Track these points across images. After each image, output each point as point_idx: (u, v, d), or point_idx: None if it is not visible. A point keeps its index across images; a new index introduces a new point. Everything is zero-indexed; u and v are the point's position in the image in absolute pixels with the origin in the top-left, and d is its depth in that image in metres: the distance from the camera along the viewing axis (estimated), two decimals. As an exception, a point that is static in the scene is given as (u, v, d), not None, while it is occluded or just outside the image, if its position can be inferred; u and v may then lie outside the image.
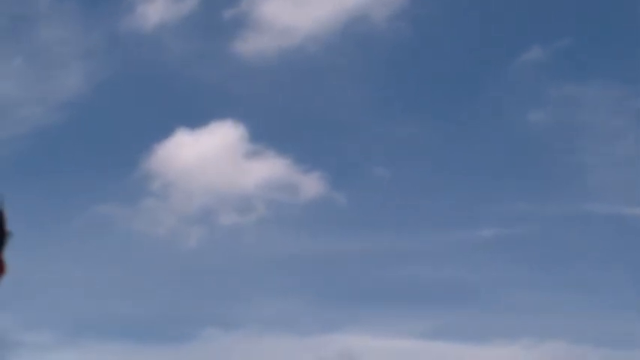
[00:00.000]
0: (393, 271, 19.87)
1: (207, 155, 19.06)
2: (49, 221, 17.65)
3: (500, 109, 20.47)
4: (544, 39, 20.10)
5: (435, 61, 20.83)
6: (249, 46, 19.37)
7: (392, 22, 19.47)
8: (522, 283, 19.45)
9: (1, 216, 1.96)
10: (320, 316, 19.20)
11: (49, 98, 19.41)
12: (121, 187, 19.29)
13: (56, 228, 17.76)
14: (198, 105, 20.37)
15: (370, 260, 20.00)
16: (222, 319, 18.84)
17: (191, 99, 20.31)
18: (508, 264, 19.87)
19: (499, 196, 20.28)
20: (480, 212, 20.12)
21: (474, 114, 20.11)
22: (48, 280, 16.69)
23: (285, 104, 20.51)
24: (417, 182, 20.35)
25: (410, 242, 19.57)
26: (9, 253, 1.96)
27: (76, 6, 19.90)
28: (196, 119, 19.56)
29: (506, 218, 20.05)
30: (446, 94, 20.88)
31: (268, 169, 19.10)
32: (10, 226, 1.95)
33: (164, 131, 18.89)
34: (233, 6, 20.07)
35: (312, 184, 19.12)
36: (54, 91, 19.52)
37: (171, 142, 18.83)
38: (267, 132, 20.05)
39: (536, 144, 20.47)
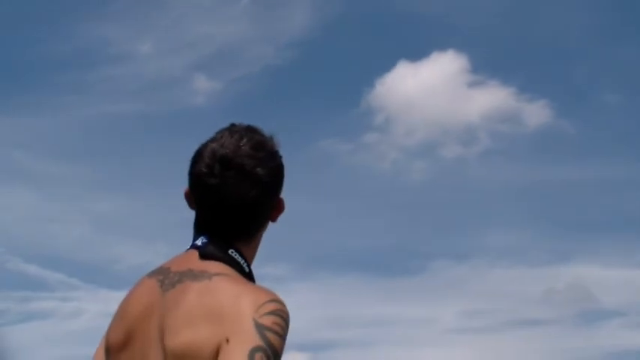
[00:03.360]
0: (627, 200, 18.91)
1: (428, 87, 18.67)
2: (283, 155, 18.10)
3: None
4: None
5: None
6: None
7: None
8: None
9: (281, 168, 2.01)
10: (549, 246, 18.71)
11: (277, 37, 19.90)
12: (343, 122, 19.47)
13: (289, 161, 18.31)
14: (418, 37, 20.05)
15: (602, 189, 19.11)
16: (451, 251, 18.81)
17: (411, 31, 20.01)
18: None
19: None
20: None
21: None
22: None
23: (507, 33, 19.82)
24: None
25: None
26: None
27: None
28: (417, 51, 19.26)
29: None
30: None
31: (492, 99, 18.37)
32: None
33: (385, 65, 18.63)
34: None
35: (537, 113, 18.25)
36: (281, 30, 19.99)
37: (392, 76, 18.53)
38: (489, 61, 19.64)
39: None
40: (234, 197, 1.88)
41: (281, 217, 2.02)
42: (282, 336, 1.73)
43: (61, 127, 18.81)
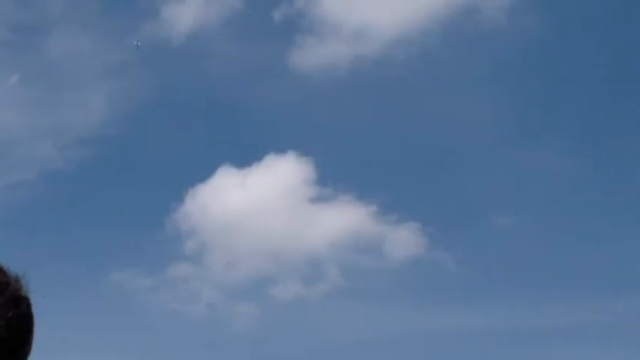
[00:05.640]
0: (530, 356, 15.97)
1: (259, 202, 15.54)
2: (59, 290, 14.59)
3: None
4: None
5: (569, 66, 16.62)
6: (312, 55, 16.09)
7: (510, 17, 15.69)
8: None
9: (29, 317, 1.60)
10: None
11: (59, 132, 16.80)
12: (144, 249, 16.48)
13: (68, 300, 14.91)
14: (247, 135, 16.91)
15: (490, 343, 16.02)
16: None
17: (238, 127, 16.84)
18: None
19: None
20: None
21: (627, 135, 15.99)
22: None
23: (366, 132, 17.12)
24: (554, 233, 16.36)
25: (547, 318, 15.75)
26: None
27: (94, 13, 16.93)
28: (245, 154, 16.25)
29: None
30: (589, 108, 16.86)
31: (344, 219, 15.50)
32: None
33: (202, 171, 15.67)
34: (285, 3, 16.45)
35: (405, 240, 15.61)
36: (64, 123, 16.77)
37: (211, 186, 15.49)
38: (342, 169, 16.62)
39: None
40: None
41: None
42: None
43: None
